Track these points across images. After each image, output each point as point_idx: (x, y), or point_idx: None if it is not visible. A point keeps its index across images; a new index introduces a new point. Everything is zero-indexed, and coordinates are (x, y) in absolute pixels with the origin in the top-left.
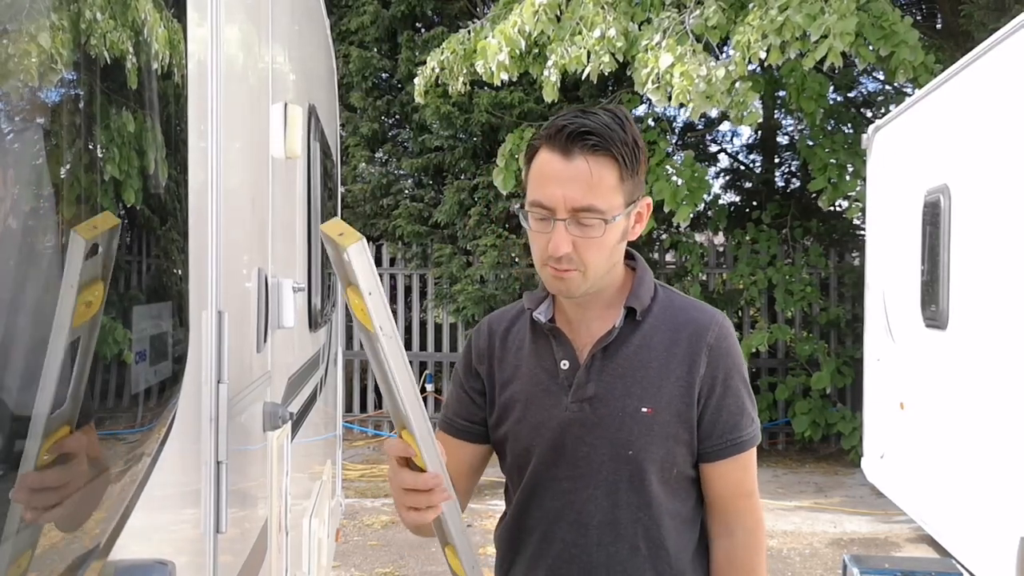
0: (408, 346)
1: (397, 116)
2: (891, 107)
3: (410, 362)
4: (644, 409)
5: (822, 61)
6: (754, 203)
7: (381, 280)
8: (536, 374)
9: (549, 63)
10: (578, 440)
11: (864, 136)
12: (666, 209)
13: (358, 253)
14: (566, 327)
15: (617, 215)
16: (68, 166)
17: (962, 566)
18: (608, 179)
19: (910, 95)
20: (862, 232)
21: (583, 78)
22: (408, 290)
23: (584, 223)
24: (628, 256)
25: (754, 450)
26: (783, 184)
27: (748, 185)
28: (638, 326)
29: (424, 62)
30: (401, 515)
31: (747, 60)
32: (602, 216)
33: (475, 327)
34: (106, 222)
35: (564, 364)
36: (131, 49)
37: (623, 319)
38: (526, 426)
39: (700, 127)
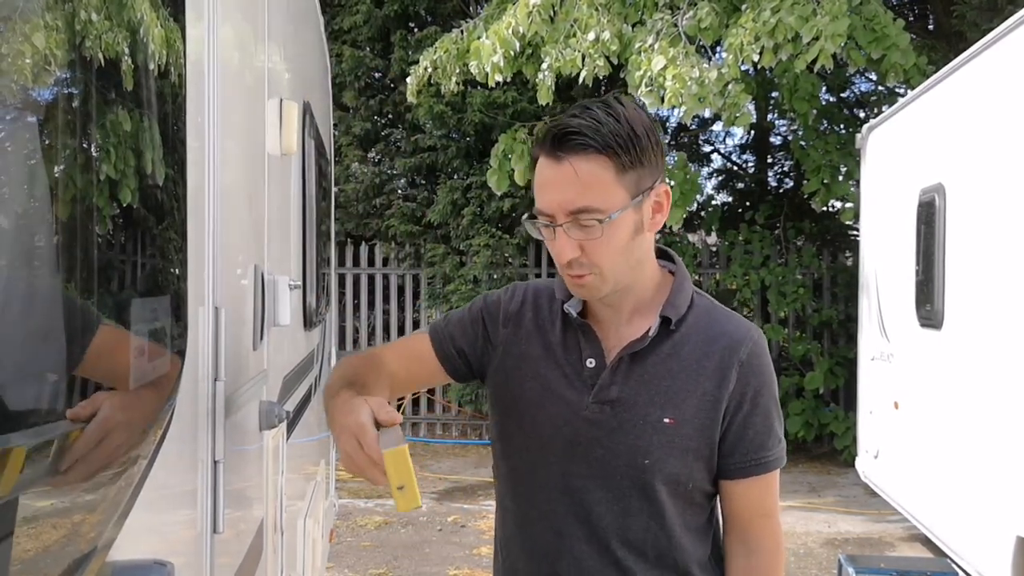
0: None
1: (390, 116)
2: (884, 107)
3: None
4: (666, 419)
5: (814, 62)
6: (747, 203)
7: (373, 281)
8: (561, 365)
9: (544, 66)
10: (594, 441)
11: (858, 136)
12: None
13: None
14: (596, 324)
15: (617, 211)
16: (65, 165)
17: (958, 566)
18: (602, 176)
19: (903, 95)
20: (855, 232)
21: (578, 81)
22: (401, 290)
23: (584, 224)
24: (668, 257)
25: (778, 472)
26: (776, 184)
27: (741, 186)
28: (671, 335)
29: (417, 61)
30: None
31: (740, 62)
32: (601, 215)
33: (513, 285)
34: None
35: (590, 362)
36: (128, 49)
37: (658, 327)
38: (543, 415)
39: (693, 127)
